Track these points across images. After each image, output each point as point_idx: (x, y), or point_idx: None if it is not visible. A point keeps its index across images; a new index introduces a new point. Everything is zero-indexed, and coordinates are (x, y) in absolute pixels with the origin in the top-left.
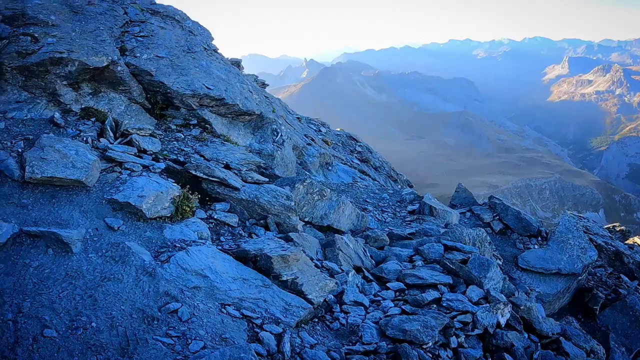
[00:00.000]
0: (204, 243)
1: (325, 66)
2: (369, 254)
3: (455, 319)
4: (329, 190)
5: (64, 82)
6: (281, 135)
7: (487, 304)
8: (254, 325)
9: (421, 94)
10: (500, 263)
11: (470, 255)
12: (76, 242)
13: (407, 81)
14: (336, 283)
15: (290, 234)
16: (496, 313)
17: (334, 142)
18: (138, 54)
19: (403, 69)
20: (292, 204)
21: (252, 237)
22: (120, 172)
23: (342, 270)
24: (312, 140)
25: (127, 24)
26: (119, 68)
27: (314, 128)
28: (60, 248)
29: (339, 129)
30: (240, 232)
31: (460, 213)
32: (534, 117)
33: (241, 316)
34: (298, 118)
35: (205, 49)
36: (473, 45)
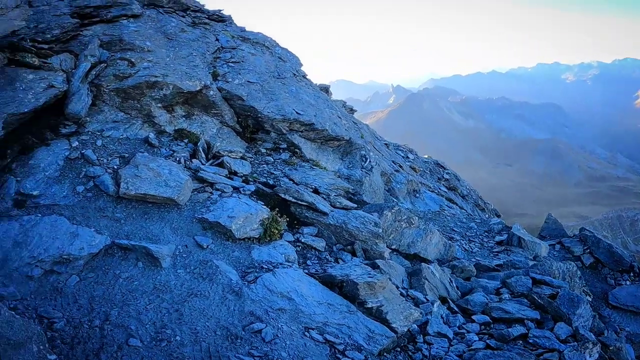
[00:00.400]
0: (290, 266)
1: (412, 92)
2: (454, 285)
3: (541, 357)
4: (416, 218)
5: (159, 105)
6: (370, 161)
7: (575, 343)
8: (336, 350)
9: (508, 120)
10: (590, 299)
11: (559, 290)
12: (166, 257)
13: (494, 107)
14: (421, 313)
15: (377, 260)
16: (584, 353)
17: (421, 169)
18: (230, 79)
19: (490, 94)
20: (380, 230)
21: (338, 263)
22: (211, 193)
23: (427, 300)
24: (400, 166)
25: (219, 50)
26: (212, 92)
27: (402, 154)
28: (150, 262)
29: (426, 156)
30: (326, 256)
31: (549, 245)
32: (626, 143)
33: (324, 341)
34: (386, 144)
35: (295, 74)
36: (561, 69)
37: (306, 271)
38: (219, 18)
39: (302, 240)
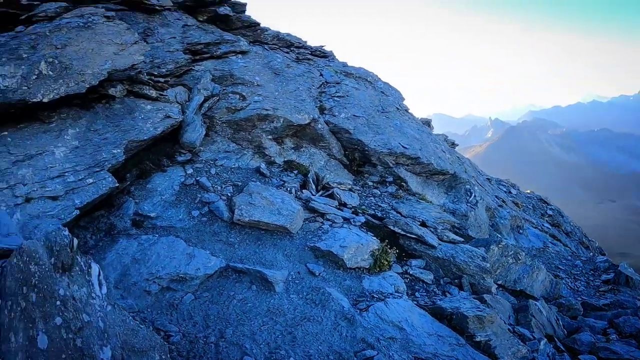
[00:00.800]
0: (400, 296)
1: (511, 125)
2: (561, 323)
3: None
4: (523, 253)
5: (269, 137)
6: (474, 195)
7: None
8: None
9: (612, 153)
10: None
11: None
12: (279, 282)
13: (596, 139)
14: (528, 350)
15: (484, 295)
16: None
17: (524, 204)
18: (336, 113)
19: (591, 125)
20: (488, 265)
21: (445, 296)
22: (322, 223)
23: (534, 337)
24: (503, 201)
25: (324, 85)
26: (319, 126)
27: (504, 189)
28: (263, 286)
29: (528, 191)
30: (434, 289)
31: None
32: None
33: None
34: (488, 179)
35: (398, 108)
36: None
37: (415, 302)
38: (322, 54)
39: (410, 273)
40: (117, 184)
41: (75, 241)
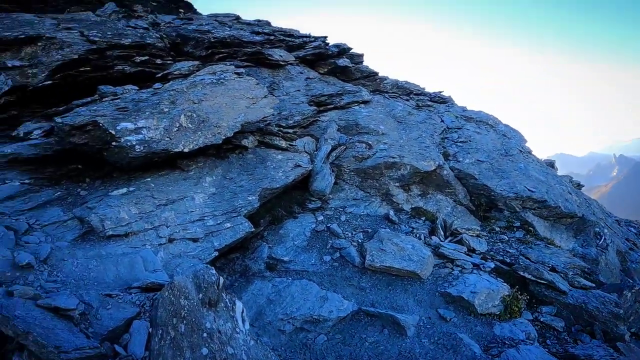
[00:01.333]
0: (532, 343)
1: (636, 161)
2: None
3: None
4: None
5: (396, 184)
6: (604, 238)
7: None
8: None
9: None
10: None
11: None
12: (411, 326)
13: None
14: None
15: (617, 343)
16: None
17: None
18: (460, 159)
19: None
20: (621, 312)
21: (577, 343)
22: (452, 269)
23: None
24: (634, 244)
25: (445, 131)
26: (445, 172)
27: (634, 231)
28: (395, 329)
29: None
30: (565, 337)
31: None
32: None
33: None
34: (617, 220)
35: (520, 151)
36: None
37: (547, 349)
38: (441, 99)
39: (541, 320)
40: (253, 229)
41: (222, 279)
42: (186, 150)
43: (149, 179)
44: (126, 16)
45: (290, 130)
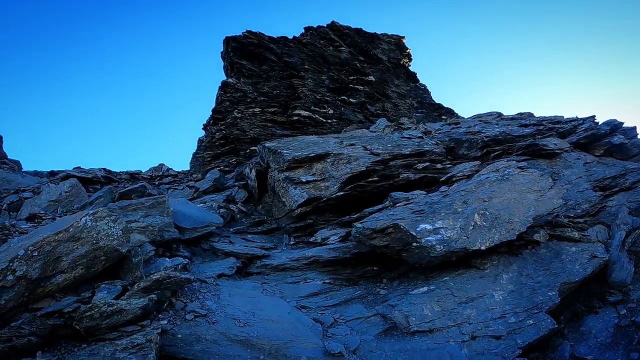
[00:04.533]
0: None
1: None
2: None
3: None
4: None
5: None
6: None
7: None
8: None
9: None
10: None
11: None
12: None
13: None
14: None
15: None
16: None
17: None
18: None
19: None
20: None
21: None
22: None
23: None
24: None
25: None
26: None
27: None
28: None
29: None
30: None
31: None
32: None
33: None
34: None
35: None
36: None
37: None
38: None
39: None
40: (556, 325)
41: None
42: (483, 248)
43: (447, 278)
44: (397, 129)
45: (581, 220)
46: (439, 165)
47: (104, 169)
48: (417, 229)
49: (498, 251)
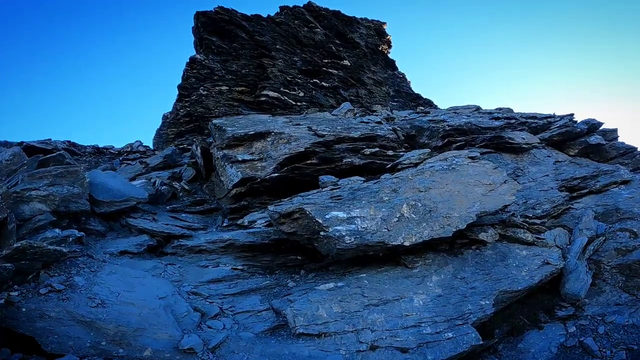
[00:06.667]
0: None
1: None
2: None
3: None
4: None
5: None
6: None
7: None
8: None
9: None
10: None
11: None
12: None
13: None
14: None
15: None
16: None
17: None
18: None
19: None
20: None
21: None
22: None
23: None
24: None
25: None
26: None
27: None
28: None
29: None
30: None
31: None
32: None
33: None
34: None
35: None
36: None
37: None
38: None
39: None
40: (480, 342)
41: None
42: (407, 243)
43: (364, 275)
44: (363, 115)
45: (538, 221)
46: (390, 152)
47: (69, 141)
48: (326, 217)
49: (437, 249)
